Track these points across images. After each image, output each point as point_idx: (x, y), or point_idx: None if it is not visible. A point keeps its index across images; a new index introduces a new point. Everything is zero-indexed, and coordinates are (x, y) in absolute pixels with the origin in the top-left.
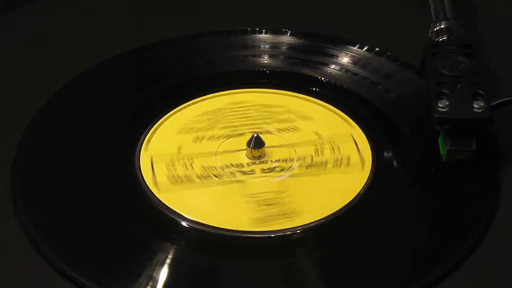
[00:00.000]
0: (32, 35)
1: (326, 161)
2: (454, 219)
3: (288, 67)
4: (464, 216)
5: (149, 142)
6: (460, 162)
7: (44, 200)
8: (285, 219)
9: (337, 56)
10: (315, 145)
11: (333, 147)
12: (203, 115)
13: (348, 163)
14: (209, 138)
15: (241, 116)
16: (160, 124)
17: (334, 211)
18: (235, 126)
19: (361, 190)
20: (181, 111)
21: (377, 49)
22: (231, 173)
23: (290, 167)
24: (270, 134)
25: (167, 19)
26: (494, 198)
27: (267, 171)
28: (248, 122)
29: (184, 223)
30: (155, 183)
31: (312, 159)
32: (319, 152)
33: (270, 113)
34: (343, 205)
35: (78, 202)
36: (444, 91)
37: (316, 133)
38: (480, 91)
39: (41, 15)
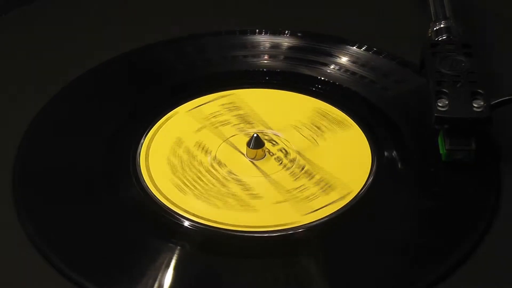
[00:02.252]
0: (32, 35)
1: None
2: (454, 219)
3: (287, 67)
4: (464, 216)
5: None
6: (460, 162)
7: (45, 200)
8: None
9: (336, 56)
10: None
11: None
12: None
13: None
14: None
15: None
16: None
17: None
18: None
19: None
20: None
21: (376, 48)
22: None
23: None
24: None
25: (167, 19)
26: (494, 198)
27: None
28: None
29: (184, 223)
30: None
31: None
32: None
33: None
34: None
35: (79, 202)
36: (444, 90)
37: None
38: (479, 91)
39: (41, 15)
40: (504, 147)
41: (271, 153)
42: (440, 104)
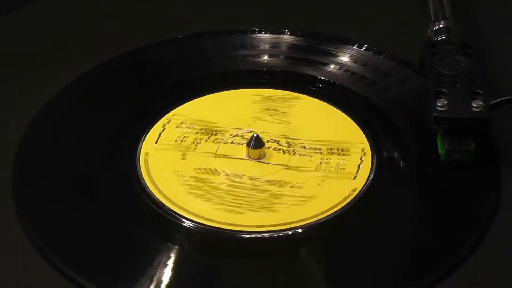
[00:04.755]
0: (32, 35)
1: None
2: (454, 219)
3: (287, 66)
4: (464, 216)
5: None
6: (459, 162)
7: (45, 200)
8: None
9: (337, 55)
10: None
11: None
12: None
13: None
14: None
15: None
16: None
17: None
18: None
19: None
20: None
21: (376, 48)
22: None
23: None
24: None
25: (167, 19)
26: (494, 198)
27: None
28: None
29: (184, 223)
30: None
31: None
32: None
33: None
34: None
35: (79, 202)
36: (443, 90)
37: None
38: (478, 91)
39: (41, 15)
40: (504, 147)
41: (267, 148)
42: (439, 104)
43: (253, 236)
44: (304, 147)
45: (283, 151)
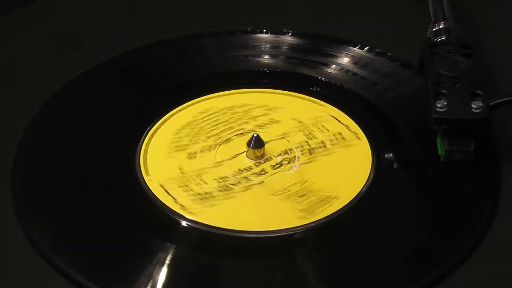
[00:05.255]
0: (32, 35)
1: (323, 142)
2: (454, 219)
3: (288, 67)
4: (464, 216)
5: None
6: (459, 162)
7: (44, 200)
8: (327, 204)
9: (337, 56)
10: (304, 131)
11: (320, 129)
12: (181, 130)
13: (343, 138)
14: (201, 151)
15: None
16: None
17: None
18: (217, 134)
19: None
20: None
21: (377, 49)
22: (246, 177)
23: (295, 157)
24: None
25: (167, 19)
26: (494, 198)
27: (276, 166)
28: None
29: (184, 223)
30: (182, 207)
31: (308, 144)
32: (312, 137)
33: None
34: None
35: (78, 202)
36: (443, 91)
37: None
38: (478, 91)
39: (41, 15)
40: (504, 147)
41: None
42: (439, 105)
43: (253, 236)
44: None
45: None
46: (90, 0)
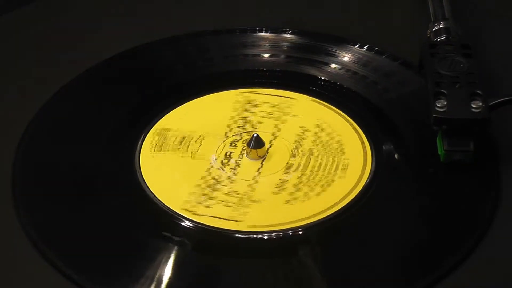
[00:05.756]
0: (32, 35)
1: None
2: (453, 219)
3: (288, 66)
4: (463, 216)
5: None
6: (459, 162)
7: (44, 200)
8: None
9: (337, 55)
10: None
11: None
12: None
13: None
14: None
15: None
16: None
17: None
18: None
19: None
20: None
21: (377, 48)
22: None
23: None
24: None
25: (167, 18)
26: (494, 198)
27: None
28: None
29: (184, 223)
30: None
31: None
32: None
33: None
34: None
35: (78, 202)
36: (442, 91)
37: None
38: (478, 91)
39: (41, 16)
40: (504, 147)
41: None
42: (438, 105)
43: (253, 236)
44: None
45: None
46: (89, 0)
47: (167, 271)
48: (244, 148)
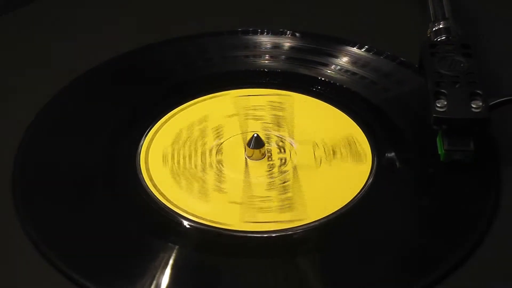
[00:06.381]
0: (32, 35)
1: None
2: (453, 219)
3: (288, 67)
4: (463, 216)
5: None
6: (459, 162)
7: (44, 200)
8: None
9: (337, 56)
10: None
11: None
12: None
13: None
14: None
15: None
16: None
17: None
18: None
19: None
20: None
21: (376, 48)
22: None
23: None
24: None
25: (167, 19)
26: (494, 198)
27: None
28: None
29: (184, 223)
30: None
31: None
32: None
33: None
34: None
35: (79, 202)
36: (442, 91)
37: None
38: (478, 91)
39: (41, 15)
40: (504, 147)
41: (270, 158)
42: (438, 105)
43: (252, 236)
44: (284, 182)
45: (270, 170)
46: (89, 0)
47: (167, 271)
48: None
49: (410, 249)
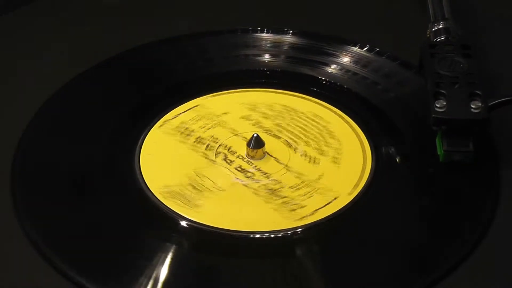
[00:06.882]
0: (32, 35)
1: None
2: (453, 220)
3: (288, 66)
4: (463, 217)
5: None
6: (459, 162)
7: (44, 200)
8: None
9: (338, 56)
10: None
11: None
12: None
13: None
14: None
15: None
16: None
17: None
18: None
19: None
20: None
21: (377, 49)
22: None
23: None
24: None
25: (168, 18)
26: (493, 198)
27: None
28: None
29: (184, 223)
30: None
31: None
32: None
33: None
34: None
35: (78, 202)
36: (442, 91)
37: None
38: (477, 92)
39: (41, 15)
40: (504, 147)
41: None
42: (438, 105)
43: (252, 236)
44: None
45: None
46: (89, 0)
47: (167, 271)
48: (240, 156)
49: (410, 249)
